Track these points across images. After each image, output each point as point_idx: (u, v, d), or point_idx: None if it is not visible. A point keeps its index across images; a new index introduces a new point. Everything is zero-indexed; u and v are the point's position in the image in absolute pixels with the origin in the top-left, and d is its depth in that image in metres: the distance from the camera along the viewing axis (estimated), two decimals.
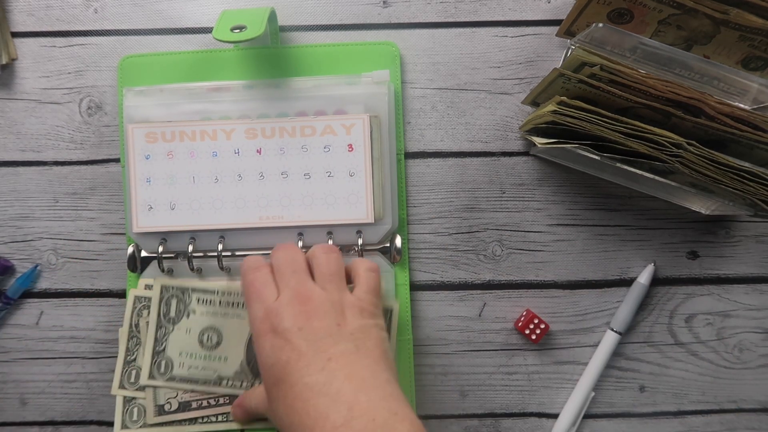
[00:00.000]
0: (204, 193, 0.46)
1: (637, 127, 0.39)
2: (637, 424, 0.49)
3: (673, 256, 0.49)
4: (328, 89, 0.46)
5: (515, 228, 0.49)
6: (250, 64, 0.48)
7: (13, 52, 0.49)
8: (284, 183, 0.46)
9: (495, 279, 0.49)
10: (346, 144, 0.46)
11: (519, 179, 0.49)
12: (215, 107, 0.46)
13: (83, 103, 0.49)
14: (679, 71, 0.43)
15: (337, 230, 0.46)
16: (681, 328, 0.49)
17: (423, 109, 0.49)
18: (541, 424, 0.48)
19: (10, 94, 0.49)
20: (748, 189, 0.39)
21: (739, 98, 0.43)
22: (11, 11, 0.49)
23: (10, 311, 0.48)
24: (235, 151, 0.46)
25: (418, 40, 0.49)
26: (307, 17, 0.49)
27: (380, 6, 0.49)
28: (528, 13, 0.49)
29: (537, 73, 0.49)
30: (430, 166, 0.49)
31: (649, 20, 0.43)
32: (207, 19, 0.49)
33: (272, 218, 0.46)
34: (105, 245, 0.48)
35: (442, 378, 0.48)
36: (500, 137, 0.49)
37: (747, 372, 0.49)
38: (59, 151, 0.49)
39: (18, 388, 0.48)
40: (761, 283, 0.49)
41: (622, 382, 0.49)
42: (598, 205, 0.49)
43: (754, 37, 0.41)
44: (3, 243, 0.48)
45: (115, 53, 0.49)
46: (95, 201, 0.49)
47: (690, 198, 0.46)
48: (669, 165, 0.39)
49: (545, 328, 0.47)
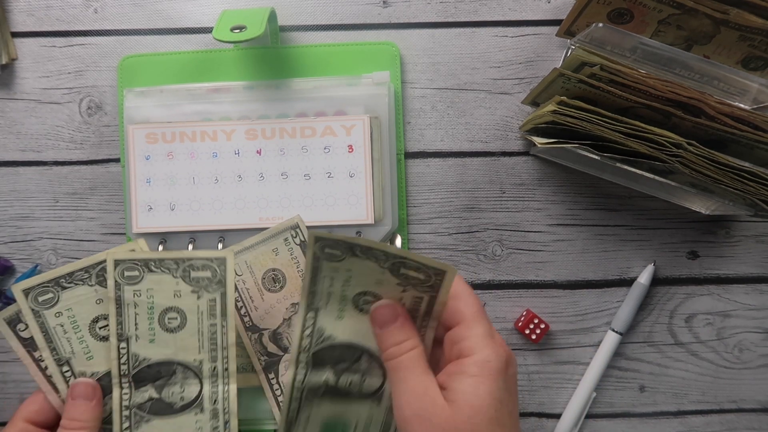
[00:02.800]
0: (204, 193, 0.46)
1: (637, 127, 0.39)
2: (637, 424, 0.49)
3: (673, 256, 0.49)
4: (329, 90, 0.46)
5: (515, 228, 0.49)
6: (250, 64, 0.48)
7: (13, 52, 0.49)
8: (284, 184, 0.46)
9: (495, 279, 0.49)
10: (346, 145, 0.46)
11: (519, 179, 0.49)
12: (215, 108, 0.46)
13: (83, 103, 0.49)
14: (679, 71, 0.43)
15: (337, 231, 0.46)
16: (681, 328, 0.49)
17: (423, 109, 0.49)
18: (541, 424, 0.48)
19: (10, 94, 0.49)
20: (748, 189, 0.39)
21: (739, 98, 0.43)
22: (11, 11, 0.49)
23: None
24: (236, 152, 0.46)
25: (418, 40, 0.49)
26: (307, 17, 0.49)
27: (380, 6, 0.49)
28: (528, 13, 0.49)
29: (537, 73, 0.49)
30: (430, 166, 0.49)
31: (649, 20, 0.43)
32: (207, 19, 0.49)
33: (272, 219, 0.46)
34: (105, 245, 0.48)
35: None
36: (500, 137, 0.49)
37: (747, 372, 0.49)
38: (59, 151, 0.49)
39: (18, 388, 0.48)
40: (761, 283, 0.49)
41: (622, 382, 0.49)
42: (598, 205, 0.49)
43: (754, 37, 0.41)
44: (3, 243, 0.48)
45: (115, 53, 0.49)
46: (95, 201, 0.49)
47: (690, 198, 0.46)
48: (669, 165, 0.39)
49: (545, 328, 0.47)
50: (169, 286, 0.40)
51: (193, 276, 0.40)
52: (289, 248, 0.45)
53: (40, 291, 0.40)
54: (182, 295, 0.40)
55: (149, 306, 0.40)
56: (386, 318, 0.34)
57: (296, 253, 0.45)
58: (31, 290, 0.40)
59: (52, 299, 0.40)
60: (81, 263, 0.40)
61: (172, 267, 0.40)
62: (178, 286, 0.40)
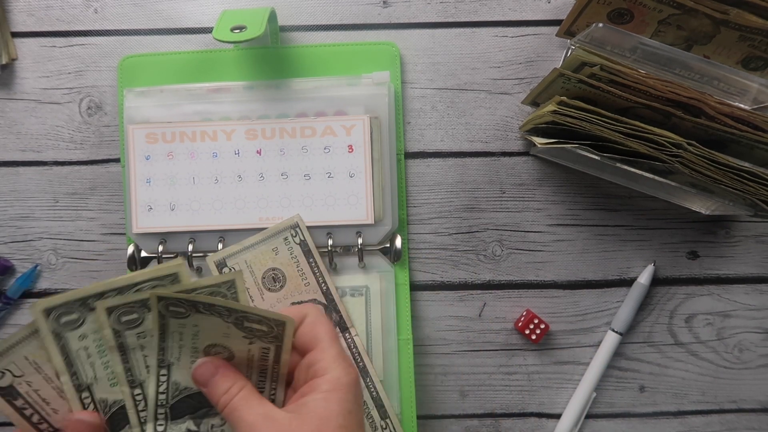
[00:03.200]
0: (204, 193, 0.46)
1: (637, 127, 0.39)
2: (637, 424, 0.49)
3: (673, 256, 0.49)
4: (329, 90, 0.46)
5: (515, 228, 0.49)
6: (250, 64, 0.48)
7: (13, 52, 0.49)
8: (284, 184, 0.46)
9: (495, 279, 0.49)
10: (346, 145, 0.46)
11: (519, 179, 0.49)
12: (215, 108, 0.46)
13: (83, 103, 0.49)
14: (679, 71, 0.43)
15: (337, 231, 0.46)
16: (681, 328, 0.49)
17: (423, 109, 0.49)
18: (541, 424, 0.48)
19: (10, 94, 0.49)
20: (748, 189, 0.39)
21: (739, 98, 0.43)
22: (11, 11, 0.49)
23: (10, 311, 0.48)
24: (236, 152, 0.46)
25: (418, 40, 0.49)
26: (307, 17, 0.49)
27: (380, 6, 0.49)
28: (528, 13, 0.49)
29: (537, 73, 0.49)
30: (430, 166, 0.49)
31: (649, 20, 0.43)
32: (207, 19, 0.49)
33: (272, 219, 0.46)
34: (105, 245, 0.48)
35: (442, 378, 0.48)
36: (500, 137, 0.49)
37: (747, 372, 0.49)
38: (59, 151, 0.49)
39: None
40: (761, 283, 0.49)
41: (622, 382, 0.49)
42: (598, 205, 0.49)
43: (754, 37, 0.41)
44: (3, 243, 0.48)
45: (115, 53, 0.49)
46: (95, 201, 0.49)
47: (690, 198, 0.46)
48: (669, 165, 0.39)
49: (545, 328, 0.47)
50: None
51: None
52: (288, 247, 0.45)
53: (64, 311, 0.35)
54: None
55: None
56: (207, 374, 0.34)
57: (296, 252, 0.45)
58: (54, 310, 0.35)
59: (77, 320, 0.35)
60: (113, 283, 0.35)
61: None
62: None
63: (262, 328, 0.34)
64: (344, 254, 0.46)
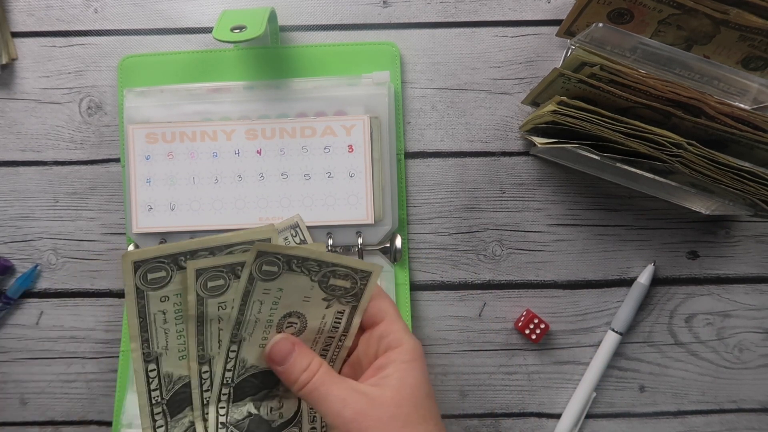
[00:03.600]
0: (204, 193, 0.46)
1: (637, 127, 0.39)
2: (637, 424, 0.49)
3: (673, 256, 0.49)
4: (329, 90, 0.46)
5: (515, 228, 0.49)
6: (250, 64, 0.48)
7: (13, 52, 0.49)
8: (284, 184, 0.46)
9: (495, 279, 0.49)
10: (346, 145, 0.46)
11: (519, 179, 0.49)
12: (215, 108, 0.46)
13: (83, 103, 0.49)
14: (679, 71, 0.43)
15: (337, 231, 0.46)
16: (681, 328, 0.49)
17: (423, 109, 0.49)
18: (541, 424, 0.48)
19: (10, 94, 0.49)
20: (748, 189, 0.39)
21: (739, 98, 0.43)
22: (11, 11, 0.49)
23: (10, 311, 0.48)
24: (236, 152, 0.46)
25: (418, 40, 0.49)
26: (307, 17, 0.49)
27: (380, 6, 0.49)
28: (528, 13, 0.49)
29: (537, 73, 0.49)
30: (430, 166, 0.49)
31: (649, 20, 0.43)
32: (207, 19, 0.49)
33: (272, 219, 0.46)
34: (105, 245, 0.48)
35: (442, 378, 0.48)
36: (500, 137, 0.49)
37: (747, 372, 0.49)
38: (59, 151, 0.49)
39: (18, 388, 0.48)
40: (761, 283, 0.49)
41: (622, 382, 0.49)
42: (598, 205, 0.49)
43: (754, 37, 0.41)
44: (3, 243, 0.48)
45: (115, 53, 0.49)
46: (95, 201, 0.49)
47: (690, 198, 0.46)
48: (669, 165, 0.39)
49: (545, 328, 0.47)
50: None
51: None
52: None
53: (153, 266, 0.32)
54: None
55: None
56: (285, 351, 0.34)
57: None
58: (143, 264, 0.31)
59: (164, 279, 0.32)
60: (207, 241, 0.32)
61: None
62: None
63: (346, 284, 0.34)
64: (344, 254, 0.46)
